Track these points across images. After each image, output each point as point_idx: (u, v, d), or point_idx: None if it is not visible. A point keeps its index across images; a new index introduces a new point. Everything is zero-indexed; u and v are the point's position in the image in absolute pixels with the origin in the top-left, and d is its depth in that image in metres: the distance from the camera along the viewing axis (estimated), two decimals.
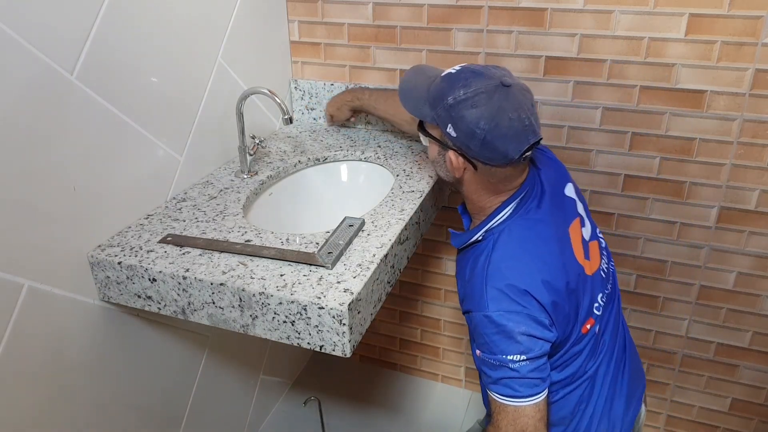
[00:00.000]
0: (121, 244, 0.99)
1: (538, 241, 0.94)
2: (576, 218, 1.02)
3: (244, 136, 1.22)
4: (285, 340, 0.89)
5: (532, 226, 0.96)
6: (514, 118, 0.88)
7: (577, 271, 0.96)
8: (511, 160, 0.90)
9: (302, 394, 1.78)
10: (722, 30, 1.15)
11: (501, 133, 0.88)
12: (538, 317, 0.88)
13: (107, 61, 0.95)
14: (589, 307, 0.97)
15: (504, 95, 0.88)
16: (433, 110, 0.94)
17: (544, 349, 0.89)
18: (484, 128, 0.87)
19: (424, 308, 1.74)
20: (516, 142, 0.88)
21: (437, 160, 1.01)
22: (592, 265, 1.00)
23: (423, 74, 1.02)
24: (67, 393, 0.98)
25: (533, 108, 0.91)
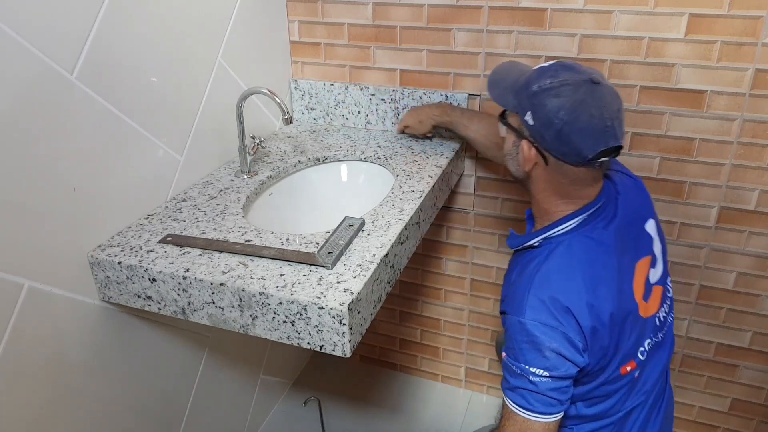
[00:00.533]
0: (121, 244, 0.99)
1: (596, 265, 0.90)
2: (647, 256, 0.98)
3: (244, 136, 1.22)
4: (285, 340, 0.89)
5: (594, 248, 0.91)
6: (595, 116, 0.85)
7: (630, 308, 0.92)
8: (584, 159, 0.86)
9: (302, 394, 1.78)
10: (722, 30, 1.15)
11: (579, 127, 0.85)
12: (572, 338, 0.86)
13: (107, 61, 0.95)
14: (633, 348, 0.94)
15: (590, 91, 0.86)
16: (516, 98, 0.92)
17: (570, 372, 0.86)
18: (563, 119, 0.85)
19: (424, 308, 1.74)
20: (592, 140, 0.85)
21: (511, 151, 0.98)
22: (649, 308, 0.97)
23: (516, 68, 1.00)
24: (67, 393, 0.98)
25: (619, 113, 0.87)
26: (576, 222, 0.93)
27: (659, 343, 1.02)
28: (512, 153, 0.97)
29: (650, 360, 1.00)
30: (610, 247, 0.92)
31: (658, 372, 1.02)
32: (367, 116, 1.50)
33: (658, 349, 1.02)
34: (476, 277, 1.61)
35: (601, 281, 0.90)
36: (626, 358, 0.94)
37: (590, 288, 0.88)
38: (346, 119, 1.53)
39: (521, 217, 1.47)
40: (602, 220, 0.93)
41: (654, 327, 0.99)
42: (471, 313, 1.68)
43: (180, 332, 1.24)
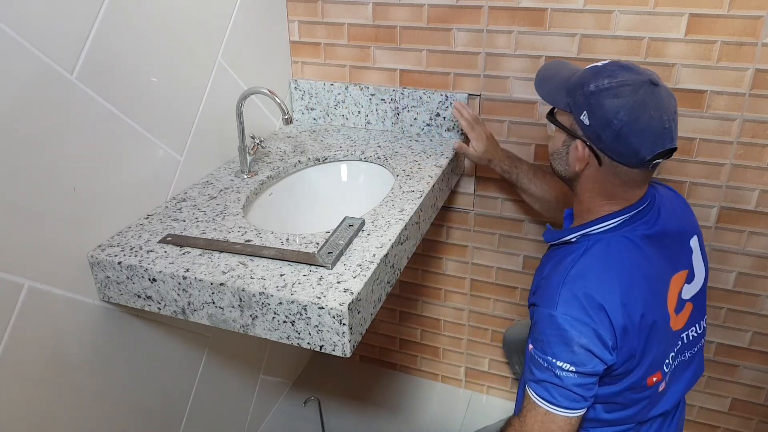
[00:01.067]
0: (121, 244, 0.99)
1: (632, 266, 0.90)
2: (685, 270, 0.97)
3: (244, 136, 1.22)
4: (285, 340, 0.89)
5: (632, 249, 0.91)
6: (655, 117, 0.84)
7: (661, 316, 0.92)
8: (641, 161, 0.86)
9: (302, 394, 1.78)
10: (722, 30, 1.15)
11: (638, 128, 0.84)
12: (603, 335, 0.85)
13: (107, 61, 0.95)
14: (660, 357, 0.93)
15: (650, 92, 0.85)
16: (569, 97, 0.91)
17: (597, 369, 0.86)
18: (622, 119, 0.84)
19: (424, 308, 1.74)
20: (651, 142, 0.85)
21: (560, 151, 0.96)
22: (678, 322, 0.96)
23: (565, 66, 1.00)
24: (66, 393, 0.98)
25: (675, 115, 0.87)
26: (617, 222, 0.93)
27: (686, 362, 1.01)
28: (561, 152, 0.96)
29: (675, 377, 0.99)
30: (648, 252, 0.92)
31: (680, 391, 1.02)
32: (367, 116, 1.50)
33: (685, 369, 1.01)
34: (476, 277, 1.61)
35: (636, 282, 0.89)
36: (653, 367, 0.93)
37: (625, 287, 0.88)
38: (346, 119, 1.53)
39: (521, 218, 1.47)
40: (644, 224, 0.93)
41: (682, 344, 0.98)
42: (471, 313, 1.68)
43: (180, 332, 1.24)
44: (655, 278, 0.92)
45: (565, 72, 0.96)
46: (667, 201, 0.99)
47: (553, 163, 1.00)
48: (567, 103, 0.92)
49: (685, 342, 1.00)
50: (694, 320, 1.00)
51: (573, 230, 0.96)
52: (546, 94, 0.97)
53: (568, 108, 0.92)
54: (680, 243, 0.98)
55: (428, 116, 1.43)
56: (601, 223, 0.93)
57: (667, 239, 0.95)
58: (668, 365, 0.97)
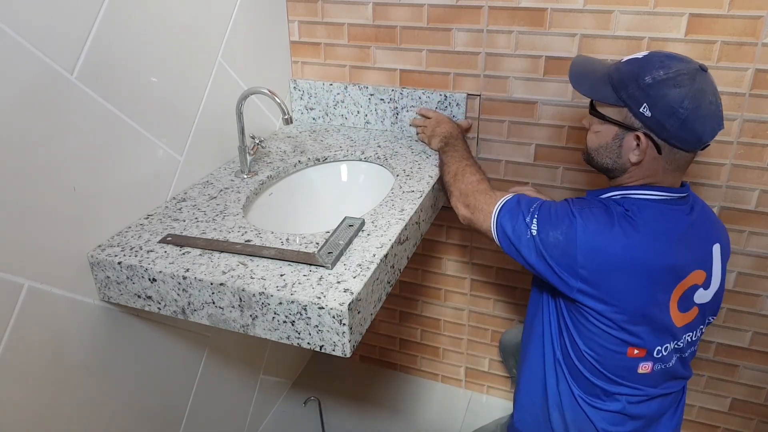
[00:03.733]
0: (121, 244, 0.99)
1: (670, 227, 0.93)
2: (704, 271, 0.98)
3: (244, 136, 1.22)
4: (285, 340, 0.89)
5: (669, 225, 0.93)
6: (713, 102, 0.89)
7: (664, 293, 0.94)
8: (704, 144, 0.92)
9: (302, 394, 1.78)
10: (722, 30, 1.15)
11: (701, 114, 0.88)
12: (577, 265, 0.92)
13: (107, 61, 0.95)
14: (649, 335, 0.96)
15: (703, 78, 0.89)
16: (621, 91, 0.92)
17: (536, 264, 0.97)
18: (687, 108, 0.87)
19: (424, 308, 1.74)
20: (711, 126, 0.90)
21: (609, 145, 0.97)
22: (680, 319, 0.98)
23: (594, 61, 1.02)
24: (66, 393, 0.98)
25: (720, 96, 0.93)
26: (658, 196, 0.96)
27: (682, 362, 1.04)
28: (612, 146, 0.97)
29: (666, 372, 1.01)
30: (678, 233, 0.94)
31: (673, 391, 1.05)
32: (366, 116, 1.50)
33: (678, 371, 1.04)
34: (476, 277, 1.61)
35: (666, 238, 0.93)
36: (638, 337, 0.96)
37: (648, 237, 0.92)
38: (345, 119, 1.53)
39: None
40: (680, 210, 0.96)
41: (682, 342, 1.01)
42: (471, 313, 1.68)
43: (180, 332, 1.24)
44: (673, 264, 0.94)
45: (599, 67, 0.98)
46: (701, 203, 1.03)
47: (595, 158, 1.01)
48: (619, 97, 0.93)
49: (686, 342, 1.02)
50: (692, 326, 1.01)
51: (617, 189, 0.99)
52: (589, 91, 0.98)
53: (621, 102, 0.93)
54: (706, 243, 0.99)
55: None
56: (644, 190, 0.96)
57: (694, 233, 0.97)
58: (659, 354, 0.98)
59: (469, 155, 1.23)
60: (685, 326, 1.00)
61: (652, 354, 0.98)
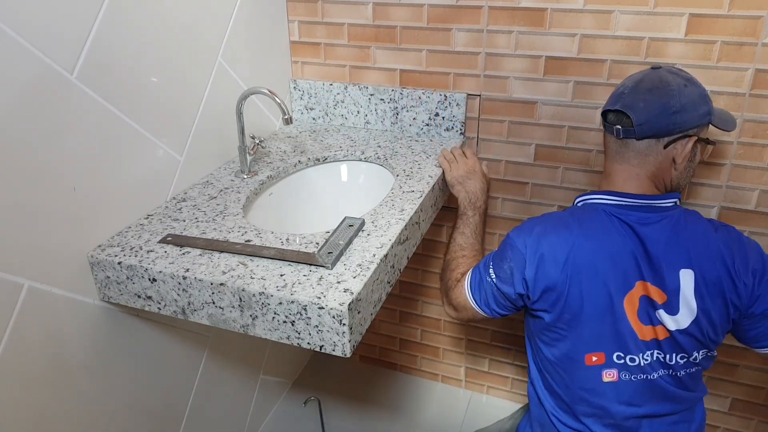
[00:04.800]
0: (121, 244, 0.99)
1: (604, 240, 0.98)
2: (657, 288, 0.96)
3: (244, 136, 1.22)
4: (285, 340, 0.89)
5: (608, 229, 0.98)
6: (620, 86, 1.04)
7: (608, 301, 0.96)
8: (606, 121, 1.03)
9: (302, 394, 1.78)
10: (722, 30, 1.15)
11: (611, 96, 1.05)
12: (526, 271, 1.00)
13: (107, 61, 0.95)
14: (603, 341, 0.98)
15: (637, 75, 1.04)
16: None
17: (509, 292, 1.02)
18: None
19: (424, 308, 1.74)
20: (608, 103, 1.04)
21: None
22: (643, 332, 0.97)
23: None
24: (67, 393, 0.98)
25: None
26: (608, 199, 1.02)
27: (676, 380, 1.01)
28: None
29: (639, 391, 1.00)
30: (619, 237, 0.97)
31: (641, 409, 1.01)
32: (366, 116, 1.50)
33: (657, 393, 1.01)
34: None
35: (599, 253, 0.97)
36: (591, 343, 0.99)
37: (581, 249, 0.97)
38: (345, 119, 1.53)
39: (521, 217, 1.47)
40: (637, 217, 0.98)
41: (651, 358, 0.98)
42: None
43: (180, 332, 1.24)
44: (621, 264, 0.96)
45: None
46: (694, 225, 0.98)
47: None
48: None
49: (655, 361, 0.98)
50: (673, 348, 0.98)
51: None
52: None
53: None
54: (668, 264, 0.96)
55: (427, 116, 1.43)
56: (598, 194, 1.04)
57: (654, 245, 0.96)
58: (621, 359, 0.98)
59: (475, 234, 1.25)
60: (655, 341, 0.97)
61: (612, 359, 0.98)
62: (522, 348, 1.67)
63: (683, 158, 0.99)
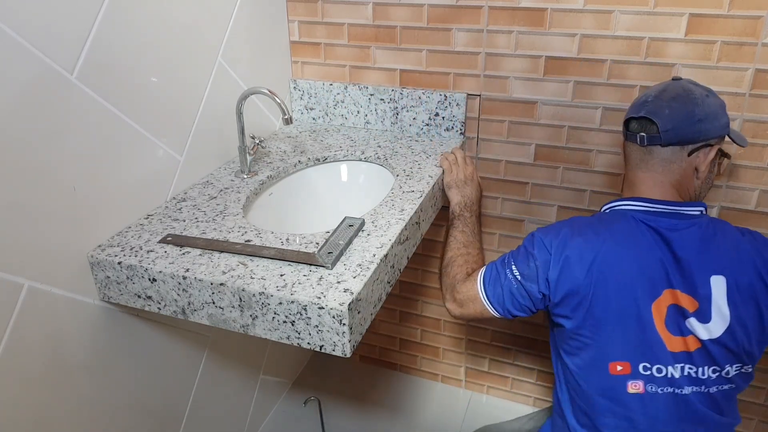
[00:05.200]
0: (121, 244, 0.99)
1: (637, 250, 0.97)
2: (688, 296, 0.94)
3: (244, 136, 1.22)
4: (285, 340, 0.89)
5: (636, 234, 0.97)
6: (643, 96, 1.05)
7: (636, 309, 0.94)
8: (630, 129, 1.04)
9: (302, 394, 1.78)
10: (722, 30, 1.15)
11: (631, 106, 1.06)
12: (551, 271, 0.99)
13: (107, 61, 0.95)
14: (629, 350, 0.96)
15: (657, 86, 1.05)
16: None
17: (532, 290, 1.01)
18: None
19: (424, 308, 1.74)
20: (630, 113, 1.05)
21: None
22: (672, 343, 0.95)
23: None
24: (67, 393, 0.98)
25: None
26: (636, 205, 1.01)
27: (709, 399, 0.97)
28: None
29: (679, 403, 0.96)
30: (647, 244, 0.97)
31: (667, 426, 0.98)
32: (366, 116, 1.50)
33: (699, 410, 0.97)
34: None
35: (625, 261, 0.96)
36: (617, 353, 0.96)
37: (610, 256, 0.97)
38: (345, 119, 1.53)
39: (521, 218, 1.47)
40: (667, 223, 0.98)
41: (681, 373, 0.95)
42: None
43: (180, 332, 1.24)
44: (648, 271, 0.96)
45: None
46: (723, 230, 0.99)
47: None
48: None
49: (685, 375, 0.96)
50: (704, 360, 0.95)
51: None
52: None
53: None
54: (699, 270, 0.95)
55: (427, 116, 1.43)
56: (626, 200, 1.04)
57: (682, 252, 0.95)
58: (647, 371, 0.96)
59: (474, 233, 1.24)
60: (685, 354, 0.95)
61: (638, 370, 0.96)
62: (522, 348, 1.67)
63: (706, 167, 0.99)
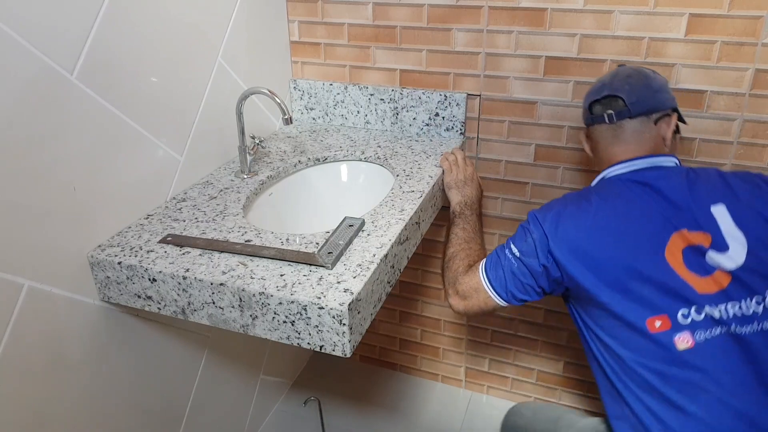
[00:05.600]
0: (121, 244, 0.99)
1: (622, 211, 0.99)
2: (698, 232, 0.94)
3: (244, 136, 1.22)
4: (285, 340, 0.89)
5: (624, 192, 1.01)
6: (599, 81, 1.13)
7: (653, 261, 0.92)
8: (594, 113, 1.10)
9: (302, 394, 1.78)
10: (722, 30, 1.15)
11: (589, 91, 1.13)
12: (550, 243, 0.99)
13: (107, 61, 0.95)
14: (659, 304, 0.91)
15: (612, 72, 1.13)
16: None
17: (533, 265, 1.00)
18: (587, 94, 1.12)
19: (424, 308, 1.74)
20: (591, 96, 1.12)
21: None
22: (702, 285, 0.92)
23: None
24: (66, 393, 0.98)
25: None
26: (619, 170, 1.05)
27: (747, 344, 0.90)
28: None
29: (743, 346, 0.89)
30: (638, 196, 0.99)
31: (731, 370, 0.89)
32: (366, 116, 1.50)
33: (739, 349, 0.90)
34: None
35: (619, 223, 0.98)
36: (647, 308, 0.91)
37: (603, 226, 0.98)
38: (345, 119, 1.53)
39: (521, 217, 1.47)
40: (652, 176, 1.01)
41: (720, 314, 0.90)
42: None
43: (180, 332, 1.24)
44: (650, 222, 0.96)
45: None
46: (703, 170, 1.04)
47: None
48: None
49: (731, 316, 0.90)
50: (739, 294, 0.91)
51: None
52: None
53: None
54: (698, 204, 0.96)
55: (427, 116, 1.43)
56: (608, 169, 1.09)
57: (674, 195, 0.97)
58: (687, 317, 0.90)
59: (475, 231, 1.23)
60: (721, 293, 0.91)
61: (678, 321, 0.90)
62: (522, 348, 1.67)
63: (671, 135, 1.06)
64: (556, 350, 1.63)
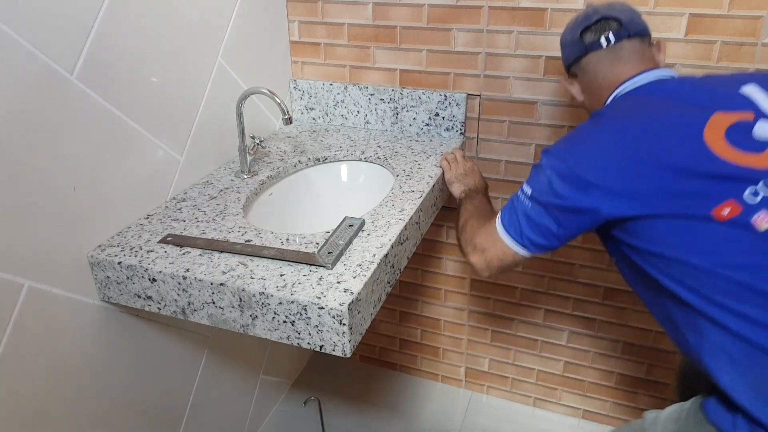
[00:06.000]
0: (121, 244, 0.99)
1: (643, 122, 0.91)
2: (737, 111, 0.85)
3: (244, 136, 1.22)
4: (285, 340, 0.89)
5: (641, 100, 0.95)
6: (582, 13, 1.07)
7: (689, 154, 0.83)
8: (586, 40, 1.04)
9: (302, 394, 1.78)
10: (722, 30, 1.15)
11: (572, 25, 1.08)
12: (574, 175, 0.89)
13: (107, 61, 0.95)
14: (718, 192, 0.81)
15: None
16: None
17: (551, 201, 0.91)
18: (566, 29, 1.08)
19: (424, 308, 1.74)
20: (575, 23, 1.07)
21: (575, 98, 1.11)
22: (758, 160, 0.81)
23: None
24: (67, 393, 0.98)
25: None
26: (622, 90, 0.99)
27: None
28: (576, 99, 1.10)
29: None
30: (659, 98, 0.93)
31: None
32: (366, 116, 1.50)
33: None
34: (476, 276, 1.61)
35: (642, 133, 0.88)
36: (709, 199, 0.81)
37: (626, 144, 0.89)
38: (345, 119, 1.53)
39: None
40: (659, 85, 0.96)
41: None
42: (471, 313, 1.68)
43: (180, 332, 1.24)
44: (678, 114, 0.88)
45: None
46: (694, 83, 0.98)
47: None
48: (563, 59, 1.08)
49: None
50: None
51: None
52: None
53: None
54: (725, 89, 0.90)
55: (427, 116, 1.43)
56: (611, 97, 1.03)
57: (694, 88, 0.92)
58: (757, 195, 0.80)
59: (483, 205, 1.17)
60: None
61: (744, 200, 0.80)
62: (522, 348, 1.67)
63: (663, 59, 1.02)
64: (556, 350, 1.63)
